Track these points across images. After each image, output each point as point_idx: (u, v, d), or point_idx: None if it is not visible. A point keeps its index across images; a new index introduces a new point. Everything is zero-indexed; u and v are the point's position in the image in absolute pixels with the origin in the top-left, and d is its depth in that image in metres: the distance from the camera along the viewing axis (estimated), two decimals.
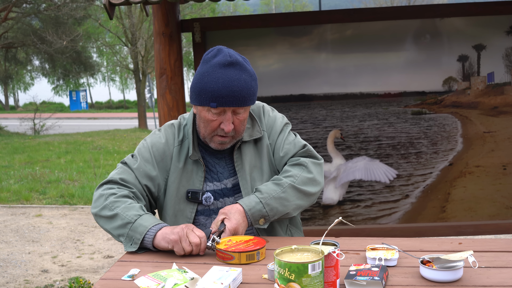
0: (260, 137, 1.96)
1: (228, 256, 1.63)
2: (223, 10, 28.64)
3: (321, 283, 1.33)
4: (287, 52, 3.50)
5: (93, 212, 1.85)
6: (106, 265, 4.76)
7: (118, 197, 1.82)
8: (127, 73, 31.91)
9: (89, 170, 9.70)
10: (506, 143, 3.48)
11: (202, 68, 1.81)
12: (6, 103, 38.30)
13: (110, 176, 1.91)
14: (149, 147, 1.94)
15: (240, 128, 1.86)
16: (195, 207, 1.91)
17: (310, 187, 1.88)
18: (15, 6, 16.82)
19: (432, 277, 1.44)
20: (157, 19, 3.38)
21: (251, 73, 1.82)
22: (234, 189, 1.94)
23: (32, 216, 6.59)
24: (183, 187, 1.91)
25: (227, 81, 1.75)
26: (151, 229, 1.72)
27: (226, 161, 1.95)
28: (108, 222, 1.80)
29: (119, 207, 1.78)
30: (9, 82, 28.09)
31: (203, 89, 1.77)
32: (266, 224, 1.83)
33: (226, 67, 1.77)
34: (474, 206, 3.49)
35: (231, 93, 1.75)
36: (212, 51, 1.83)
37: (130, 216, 1.75)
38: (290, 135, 1.99)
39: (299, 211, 1.91)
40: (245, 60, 1.85)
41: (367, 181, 3.54)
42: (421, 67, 3.46)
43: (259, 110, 2.01)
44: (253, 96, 1.83)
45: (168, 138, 1.96)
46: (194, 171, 1.92)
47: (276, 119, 2.00)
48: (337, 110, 3.53)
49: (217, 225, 1.78)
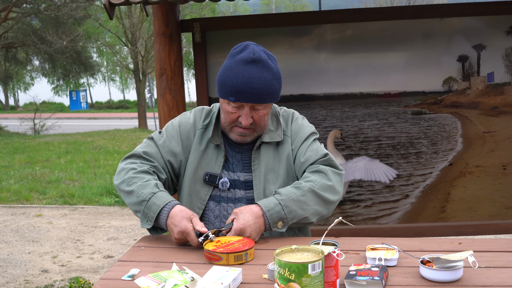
0: (282, 141, 1.98)
1: (216, 257, 1.62)
2: (223, 10, 28.64)
3: (321, 283, 1.33)
4: (287, 52, 3.50)
5: (115, 183, 1.95)
6: (106, 265, 4.76)
7: (137, 172, 1.89)
8: (127, 73, 31.91)
9: (89, 170, 9.70)
10: (506, 143, 3.48)
11: (227, 62, 1.89)
12: (6, 103, 38.31)
13: (134, 150, 1.99)
14: (177, 126, 2.02)
15: (261, 122, 1.91)
16: (210, 191, 1.95)
17: (329, 194, 1.86)
18: (15, 6, 16.82)
19: (432, 277, 1.44)
20: (157, 19, 3.38)
21: (274, 72, 1.87)
22: (246, 184, 1.95)
23: (32, 216, 6.59)
24: (201, 169, 1.96)
25: (246, 77, 1.81)
26: (164, 210, 1.79)
27: (242, 157, 1.98)
28: (126, 197, 1.88)
29: (136, 184, 1.85)
30: (9, 82, 28.09)
31: (224, 82, 1.85)
32: (284, 228, 1.81)
33: (248, 64, 1.83)
34: (474, 206, 3.49)
35: (249, 89, 1.81)
36: (240, 47, 1.90)
37: (145, 194, 1.82)
38: (314, 143, 2.00)
39: (318, 219, 1.88)
40: (271, 57, 1.90)
41: (367, 181, 3.54)
42: (421, 67, 3.46)
43: (288, 116, 2.05)
44: (274, 94, 1.88)
45: (196, 119, 2.04)
46: (214, 155, 1.97)
47: (303, 127, 2.03)
48: (337, 110, 3.53)
49: (226, 224, 1.80)
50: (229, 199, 1.95)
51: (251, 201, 1.94)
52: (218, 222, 1.95)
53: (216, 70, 3.51)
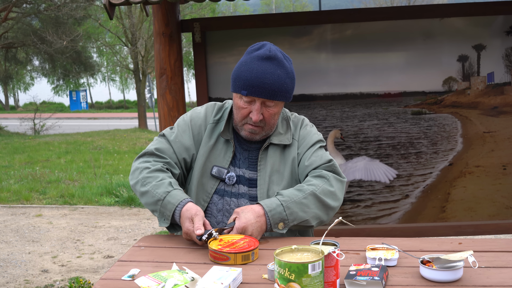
0: (289, 145, 2.01)
1: (223, 257, 1.62)
2: (223, 10, 28.64)
3: (321, 283, 1.33)
4: (287, 52, 3.47)
5: (130, 184, 1.97)
6: (106, 265, 4.76)
7: (150, 171, 1.91)
8: (127, 73, 31.90)
9: (89, 170, 9.70)
10: (506, 143, 3.48)
11: (243, 58, 1.93)
12: (6, 103, 38.30)
13: (147, 148, 2.01)
14: (188, 121, 2.05)
15: (270, 121, 1.93)
16: (216, 184, 1.98)
17: (330, 200, 1.88)
18: (15, 6, 16.81)
19: (432, 277, 1.44)
20: (157, 19, 3.38)
21: (288, 71, 1.90)
22: (250, 181, 1.97)
23: (32, 216, 6.59)
24: (210, 163, 1.99)
25: (260, 72, 1.85)
26: (178, 208, 1.81)
27: (250, 155, 2.00)
28: (142, 197, 1.91)
29: (151, 184, 1.87)
30: (9, 82, 28.07)
31: (238, 76, 1.89)
32: (285, 229, 1.82)
33: (264, 60, 1.87)
34: (474, 206, 3.49)
35: (262, 84, 1.84)
36: (257, 45, 1.94)
37: (160, 193, 1.84)
38: (320, 150, 2.03)
39: (317, 223, 1.89)
40: (287, 58, 1.93)
41: (367, 181, 3.54)
42: (421, 67, 3.46)
43: (298, 121, 2.09)
44: (286, 93, 1.90)
45: (208, 114, 2.06)
46: (223, 150, 2.00)
47: (311, 133, 2.05)
48: (337, 110, 3.53)
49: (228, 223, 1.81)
50: (233, 193, 1.97)
51: (253, 198, 1.96)
52: (221, 216, 1.96)
53: (216, 70, 3.52)
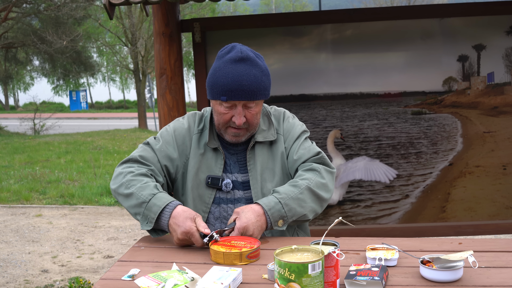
0: (275, 140, 2.00)
1: (225, 257, 1.61)
2: (223, 10, 28.63)
3: (321, 283, 1.33)
4: (287, 52, 3.50)
5: (112, 188, 1.93)
6: (106, 265, 4.76)
7: (135, 175, 1.89)
8: (127, 73, 31.89)
9: (89, 170, 9.70)
10: (506, 143, 3.48)
11: (216, 64, 1.91)
12: (6, 103, 38.30)
13: (131, 155, 1.99)
14: (172, 131, 2.03)
15: (253, 121, 1.92)
16: (213, 194, 1.96)
17: (323, 192, 1.90)
18: (15, 6, 16.81)
19: (432, 277, 1.44)
20: (157, 19, 3.38)
21: (263, 69, 1.89)
22: (243, 184, 1.97)
23: (32, 216, 6.59)
24: (203, 173, 1.97)
25: (236, 75, 1.83)
26: (166, 210, 1.78)
27: (238, 158, 2.00)
28: (125, 200, 1.87)
29: (135, 186, 1.84)
30: (9, 82, 28.06)
31: (215, 83, 1.87)
32: (284, 226, 1.83)
33: (237, 63, 1.85)
34: (474, 206, 3.49)
35: (240, 87, 1.83)
36: (227, 48, 1.92)
37: (145, 195, 1.81)
38: (306, 142, 2.03)
39: (314, 216, 1.92)
40: (258, 56, 1.92)
41: (367, 181, 3.54)
42: (421, 67, 3.46)
43: (280, 115, 2.07)
44: (264, 91, 1.89)
45: (190, 124, 2.05)
46: (214, 158, 1.98)
47: (294, 126, 2.05)
48: (337, 110, 3.53)
49: (228, 224, 1.81)
50: (229, 200, 1.96)
51: (250, 201, 1.95)
52: (219, 223, 1.96)
53: None
